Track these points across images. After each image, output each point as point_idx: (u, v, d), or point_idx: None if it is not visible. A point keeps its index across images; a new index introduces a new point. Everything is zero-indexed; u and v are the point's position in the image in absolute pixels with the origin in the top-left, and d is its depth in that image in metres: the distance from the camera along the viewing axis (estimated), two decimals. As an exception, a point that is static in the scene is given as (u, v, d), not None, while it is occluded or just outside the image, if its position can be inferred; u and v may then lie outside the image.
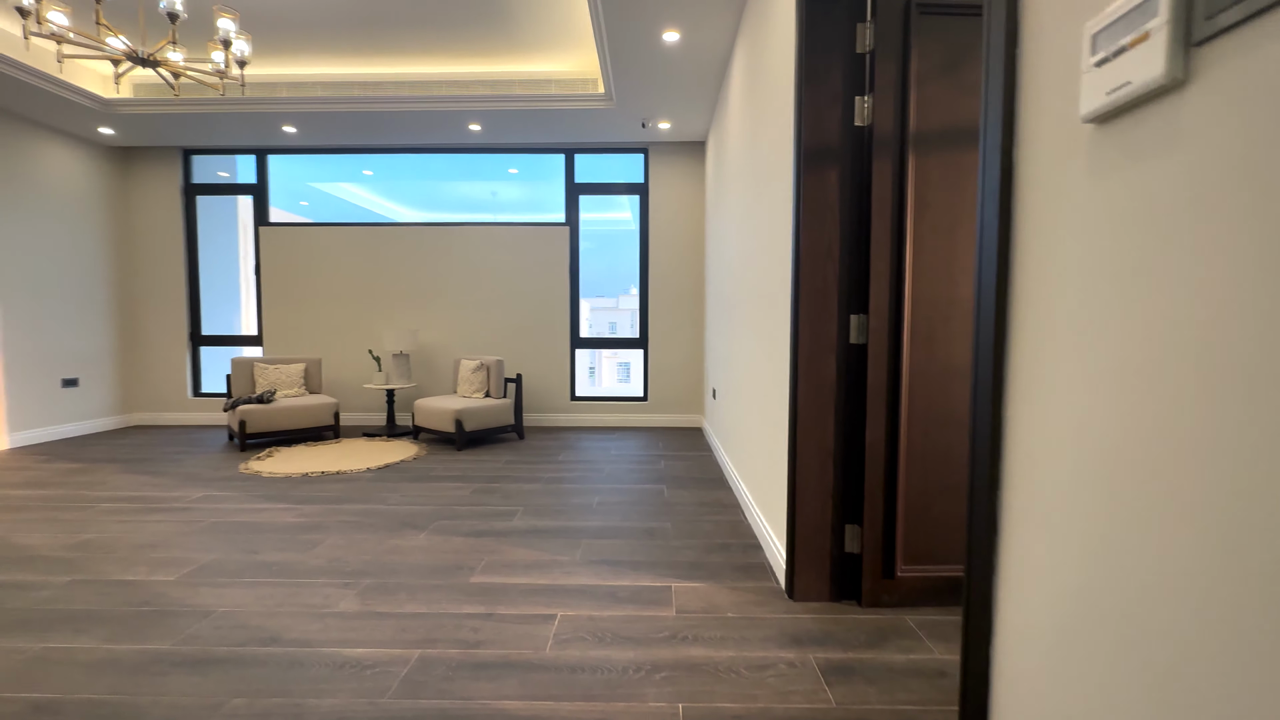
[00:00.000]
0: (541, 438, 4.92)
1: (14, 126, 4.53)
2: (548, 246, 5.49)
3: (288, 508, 2.98)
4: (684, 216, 5.44)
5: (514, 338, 5.52)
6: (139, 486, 3.38)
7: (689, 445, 4.60)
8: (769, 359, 2.40)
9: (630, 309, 6.17)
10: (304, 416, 4.61)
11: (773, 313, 2.33)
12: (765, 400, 2.48)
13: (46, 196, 4.79)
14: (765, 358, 2.48)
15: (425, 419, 4.64)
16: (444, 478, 3.59)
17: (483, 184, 8.36)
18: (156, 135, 5.09)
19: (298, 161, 5.73)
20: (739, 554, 2.39)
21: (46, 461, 4.04)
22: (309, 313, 5.56)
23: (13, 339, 4.54)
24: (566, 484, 3.46)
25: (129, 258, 5.56)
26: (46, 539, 2.54)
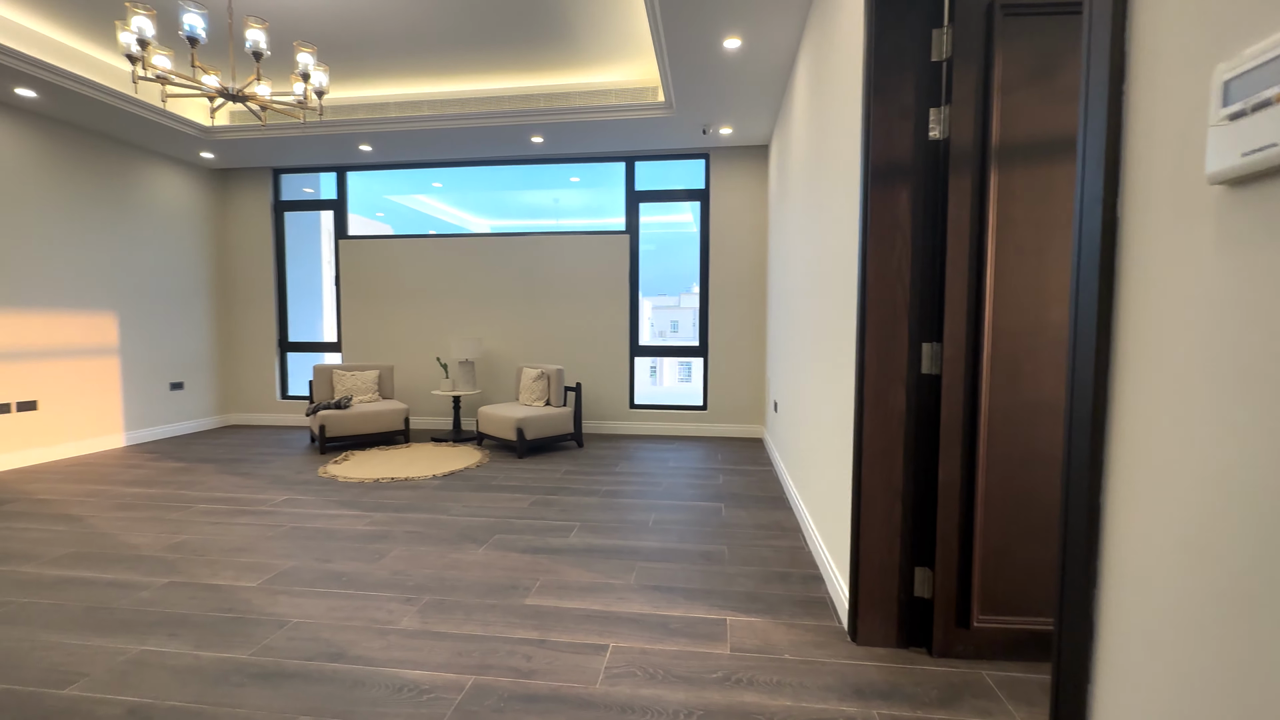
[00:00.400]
0: (600, 446, 4.95)
1: (128, 153, 5.01)
2: (608, 254, 5.51)
3: (359, 515, 3.13)
4: (746, 222, 5.31)
5: (574, 345, 5.58)
6: (231, 488, 3.65)
7: (748, 458, 4.49)
8: (832, 384, 2.29)
9: (691, 307, 6.10)
10: (377, 422, 4.85)
11: (836, 336, 2.22)
12: (827, 427, 2.36)
13: (156, 215, 5.27)
14: (827, 382, 2.37)
15: (488, 426, 4.77)
16: (504, 488, 3.67)
17: (546, 192, 8.52)
18: (250, 157, 5.49)
19: (374, 177, 6.03)
20: (799, 586, 2.29)
21: (155, 460, 4.45)
22: (383, 320, 5.84)
23: (128, 346, 5.03)
24: (623, 498, 3.45)
25: (226, 270, 6.04)
26: (150, 539, 2.78)
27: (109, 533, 2.87)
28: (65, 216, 4.52)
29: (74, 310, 4.60)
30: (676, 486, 3.71)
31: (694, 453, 4.71)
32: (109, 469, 4.14)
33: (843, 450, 2.09)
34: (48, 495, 3.50)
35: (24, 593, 2.23)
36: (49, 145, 4.39)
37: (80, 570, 2.42)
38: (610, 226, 5.78)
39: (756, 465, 4.28)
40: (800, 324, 3.13)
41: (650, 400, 5.71)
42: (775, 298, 4.47)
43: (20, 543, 2.73)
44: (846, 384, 2.05)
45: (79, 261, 4.62)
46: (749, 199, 5.29)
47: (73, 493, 3.55)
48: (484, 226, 10.57)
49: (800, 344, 3.12)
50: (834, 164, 2.31)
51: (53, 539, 2.78)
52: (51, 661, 1.77)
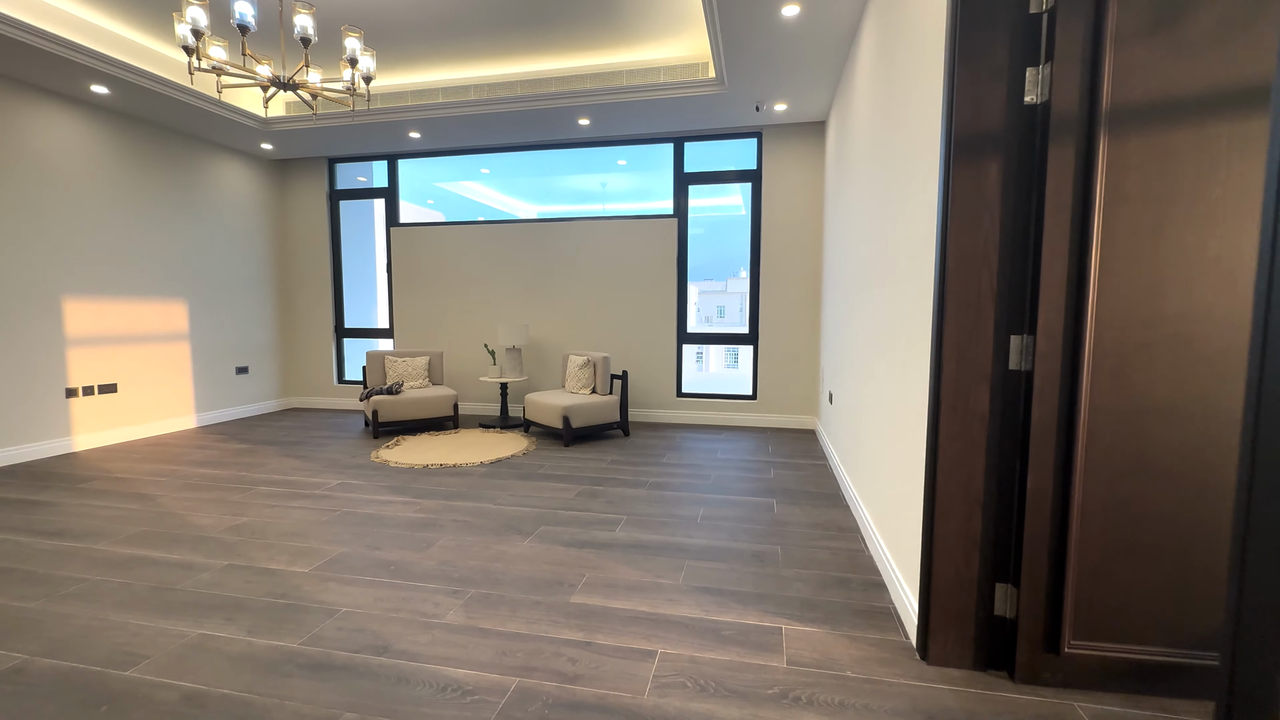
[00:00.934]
0: (647, 435, 4.87)
1: (194, 146, 5.20)
2: (655, 239, 5.37)
3: (408, 501, 3.15)
4: (800, 204, 5.06)
5: (621, 332, 5.50)
6: (289, 471, 3.76)
7: (801, 451, 4.31)
8: (900, 380, 2.11)
9: (739, 292, 5.91)
10: (427, 407, 4.92)
11: (907, 328, 2.03)
12: (895, 425, 2.18)
13: (221, 205, 5.47)
14: (895, 377, 2.18)
15: (535, 413, 4.76)
16: (550, 476, 3.64)
17: (593, 176, 8.43)
18: (306, 148, 5.62)
19: (424, 165, 6.07)
20: (859, 592, 2.14)
21: (223, 441, 4.65)
22: (432, 307, 5.91)
23: (197, 333, 5.27)
24: (670, 491, 3.36)
25: (285, 258, 6.24)
26: (213, 520, 2.88)
27: (176, 513, 2.99)
28: (139, 208, 4.73)
29: (149, 298, 4.83)
30: (726, 480, 3.59)
31: (743, 444, 4.57)
32: (180, 450, 4.35)
33: (912, 451, 1.92)
34: (125, 474, 3.69)
35: (97, 570, 2.33)
36: (122, 140, 4.60)
37: (148, 549, 2.52)
38: (658, 210, 5.64)
39: (809, 459, 4.11)
40: (862, 314, 2.93)
41: (697, 389, 5.58)
42: (831, 284, 4.24)
43: (97, 520, 2.88)
44: (919, 381, 1.87)
45: (152, 251, 4.84)
46: (803, 179, 5.04)
47: (147, 472, 3.73)
48: (531, 212, 10.60)
49: (862, 335, 2.92)
50: (906, 136, 2.11)
51: (125, 517, 2.91)
52: (117, 642, 1.83)
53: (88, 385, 4.41)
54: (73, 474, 3.69)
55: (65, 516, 2.93)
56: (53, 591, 2.15)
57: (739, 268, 5.97)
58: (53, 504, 3.12)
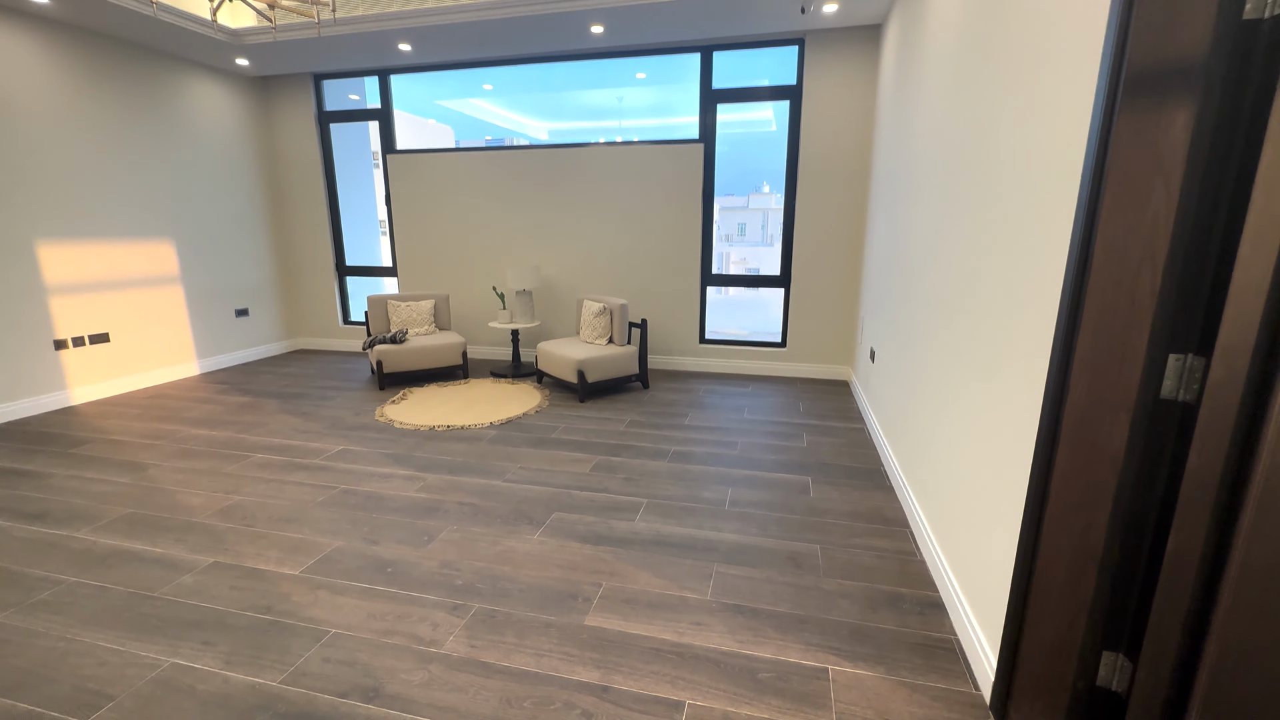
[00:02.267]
0: (667, 387, 4.55)
1: (160, 63, 4.63)
2: (679, 168, 4.79)
3: (411, 476, 2.92)
4: (846, 127, 4.41)
5: (639, 272, 5.05)
6: (288, 433, 3.55)
7: (835, 410, 3.97)
8: (988, 373, 1.71)
9: (761, 209, 5.38)
10: (434, 356, 4.63)
11: (1003, 322, 1.61)
12: (973, 422, 1.81)
13: (200, 130, 4.97)
14: (980, 368, 1.79)
15: (548, 364, 4.45)
16: (564, 443, 3.37)
17: (608, 91, 7.61)
18: (286, 63, 5.00)
19: (420, 80, 5.42)
20: (914, 616, 1.87)
21: (224, 392, 4.45)
22: (437, 244, 5.48)
23: (189, 274, 4.95)
24: (694, 464, 3.08)
25: (277, 190, 5.77)
26: (204, 499, 2.68)
27: (167, 488, 2.79)
28: (109, 138, 4.27)
29: (133, 239, 4.48)
30: (754, 448, 3.29)
31: (772, 399, 4.24)
32: (179, 403, 4.16)
33: (998, 461, 1.56)
34: (119, 434, 3.51)
35: (75, 568, 2.14)
36: (77, 59, 4.06)
37: (131, 540, 2.33)
38: (681, 129, 5.02)
39: (844, 420, 3.77)
40: (928, 272, 2.47)
41: (722, 330, 5.20)
42: (881, 225, 3.72)
43: (83, 498, 2.70)
44: (1020, 387, 1.48)
45: (130, 186, 4.43)
46: (851, 98, 4.35)
47: (141, 433, 3.55)
48: (542, 130, 9.79)
49: (924, 297, 2.48)
50: (1023, 57, 1.58)
51: (113, 494, 2.73)
52: (83, 674, 1.64)
53: (77, 336, 4.17)
54: (66, 434, 3.52)
55: (51, 492, 2.76)
56: (24, 597, 1.97)
57: (761, 182, 5.37)
58: (40, 475, 2.94)
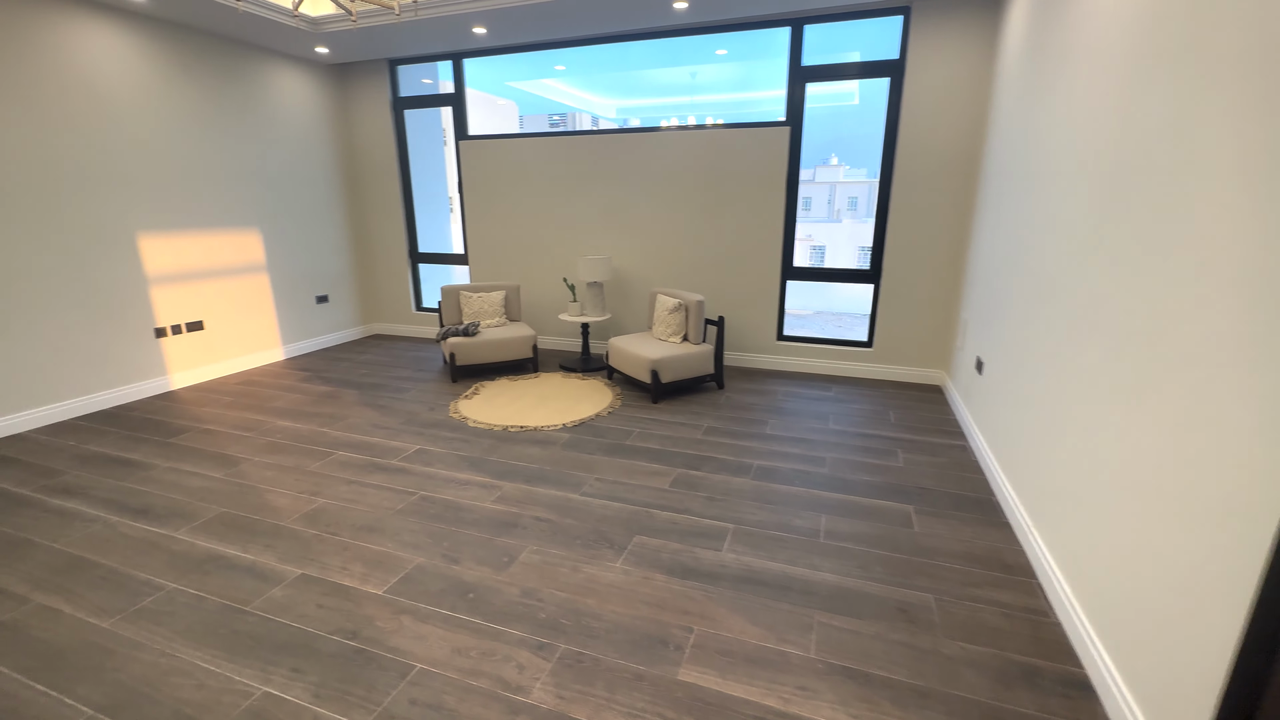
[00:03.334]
0: (743, 388, 4.33)
1: (245, 54, 4.70)
2: (761, 152, 4.48)
3: (487, 484, 2.87)
4: (955, 108, 3.96)
5: (714, 264, 4.81)
6: (368, 428, 3.58)
7: (931, 422, 3.65)
8: (1182, 422, 1.41)
9: (828, 182, 5.01)
10: (505, 349, 4.58)
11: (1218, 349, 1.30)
12: (1151, 477, 1.52)
13: (282, 121, 5.05)
14: (1167, 416, 1.48)
15: (619, 361, 4.31)
16: (640, 451, 3.24)
17: (681, 69, 7.27)
18: (363, 49, 4.98)
19: (493, 63, 5.30)
20: (1058, 698, 1.62)
21: (306, 380, 4.57)
22: (507, 232, 5.41)
23: (275, 263, 5.09)
24: (780, 483, 2.88)
25: (353, 178, 5.84)
26: (290, 501, 2.72)
27: (256, 486, 2.85)
28: (199, 131, 4.38)
29: (224, 229, 4.62)
30: (845, 466, 3.05)
31: (858, 405, 3.95)
32: (267, 391, 4.30)
33: (1200, 531, 1.28)
34: (213, 424, 3.65)
35: (174, 572, 2.20)
36: (169, 53, 4.16)
37: (225, 544, 2.37)
38: (759, 104, 4.69)
39: (943, 434, 3.45)
40: (1073, 296, 2.13)
41: (800, 329, 4.90)
42: (995, 221, 3.31)
43: (182, 493, 2.79)
44: (1231, 445, 1.19)
45: (219, 178, 4.56)
46: (963, 75, 3.89)
47: (233, 423, 3.67)
48: (610, 108, 9.55)
49: (1069, 313, 2.14)
50: (1258, 43, 1.24)
51: (208, 491, 2.81)
52: (182, 697, 1.64)
53: (175, 324, 4.36)
54: (166, 422, 3.69)
55: (153, 486, 2.87)
56: (129, 603, 2.03)
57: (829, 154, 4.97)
58: (143, 466, 3.08)
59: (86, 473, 3.01)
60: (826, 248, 22.21)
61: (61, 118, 3.61)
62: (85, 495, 2.78)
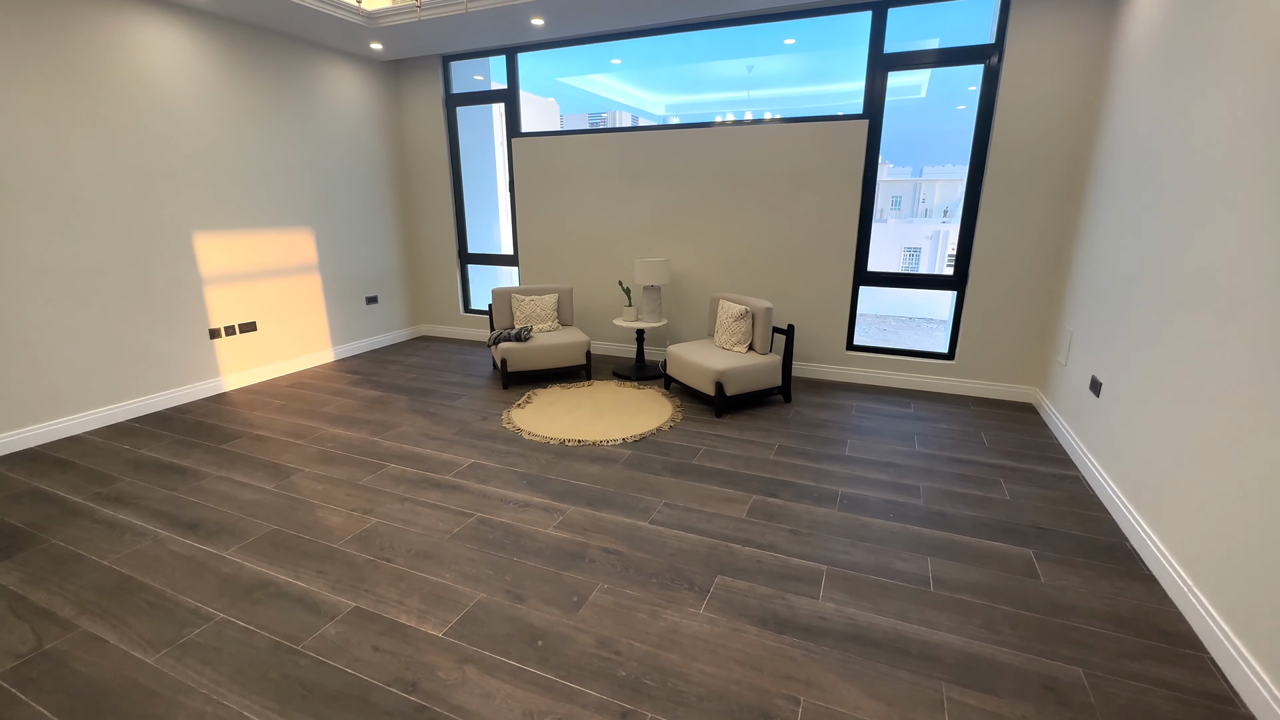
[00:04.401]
0: (813, 401, 4.02)
1: (301, 50, 4.62)
2: (835, 148, 4.15)
3: (548, 507, 2.65)
4: (1060, 98, 3.56)
5: (780, 267, 4.50)
6: (419, 438, 3.42)
7: (1029, 445, 3.27)
8: None
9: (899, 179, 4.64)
10: (558, 355, 4.38)
11: None
12: None
13: (336, 119, 4.97)
14: None
15: (678, 370, 4.06)
16: (709, 473, 2.98)
17: (738, 61, 6.95)
18: (418, 44, 4.85)
19: (545, 58, 5.11)
20: (1277, 824, 1.29)
21: (356, 384, 4.47)
22: (559, 232, 5.22)
23: (326, 263, 5.02)
24: (872, 515, 2.57)
25: (406, 175, 5.75)
26: (342, 520, 2.56)
27: (308, 501, 2.71)
28: (254, 128, 4.32)
29: (277, 228, 4.56)
30: (942, 498, 2.72)
31: (944, 425, 3.59)
32: (317, 396, 4.21)
33: None
34: (264, 429, 3.55)
35: (223, 599, 2.05)
36: (226, 49, 4.10)
37: (275, 567, 2.22)
38: (824, 99, 4.35)
39: (1047, 461, 3.08)
40: (1256, 319, 1.76)
41: (871, 338, 4.55)
42: (1114, 227, 2.91)
43: (233, 505, 2.67)
44: None
45: (273, 176, 4.50)
46: (1072, 63, 3.49)
47: (285, 429, 3.57)
48: (660, 105, 9.29)
49: (1254, 347, 1.78)
50: None
51: (259, 505, 2.67)
52: (227, 758, 1.47)
53: (229, 325, 4.31)
54: (219, 426, 3.61)
55: (204, 497, 2.75)
56: (176, 635, 1.88)
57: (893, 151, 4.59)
58: (195, 474, 2.98)
59: (140, 480, 2.93)
60: (921, 250, 21.28)
61: (121, 117, 3.57)
62: (137, 505, 2.68)
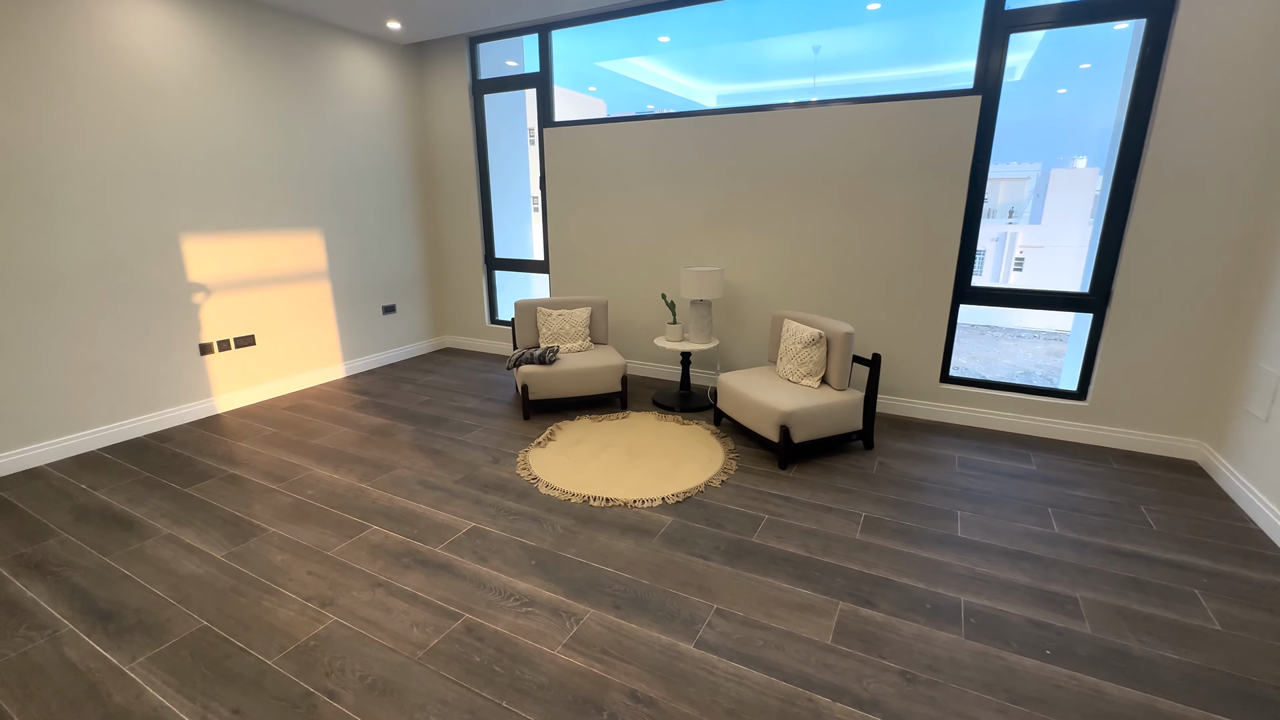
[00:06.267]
0: (900, 448, 3.21)
1: (310, 31, 4.11)
2: (933, 133, 3.33)
3: (558, 609, 1.97)
4: (1261, 59, 2.64)
5: (857, 281, 3.70)
6: (415, 487, 2.81)
7: (1218, 528, 2.38)
8: None
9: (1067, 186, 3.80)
10: (589, 381, 3.71)
11: None
12: None
13: (350, 108, 4.46)
14: None
15: (733, 406, 3.32)
16: (775, 561, 2.23)
17: (805, 38, 6.12)
18: (442, 21, 4.28)
19: (584, 36, 4.46)
20: None
21: (360, 408, 3.92)
22: (594, 235, 4.55)
23: (338, 270, 4.51)
24: (1020, 652, 1.78)
25: (428, 171, 5.21)
26: (291, 616, 1.95)
27: (259, 580, 2.12)
28: (255, 116, 3.83)
29: (282, 230, 4.07)
30: (1117, 618, 1.89)
31: (1083, 491, 2.72)
32: (314, 423, 3.67)
33: None
34: (244, 466, 3.02)
35: (94, 756, 1.45)
36: (220, 25, 3.61)
37: (180, 697, 1.62)
38: (918, 83, 3.53)
39: (1257, 564, 2.19)
40: None
41: (968, 369, 3.69)
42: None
43: (166, 585, 2.10)
44: None
45: (279, 173, 4.00)
46: (1271, 24, 2.57)
47: (266, 468, 3.03)
48: (710, 96, 8.51)
49: None
50: None
51: (196, 585, 2.10)
52: None
53: (223, 339, 3.84)
54: (193, 461, 3.10)
55: (138, 567, 2.21)
56: (4, 826, 1.29)
57: (1037, 151, 3.70)
58: (140, 530, 2.45)
59: (76, 536, 2.42)
60: (1026, 259, 19.57)
61: (101, 105, 3.10)
62: (57, 577, 2.16)
